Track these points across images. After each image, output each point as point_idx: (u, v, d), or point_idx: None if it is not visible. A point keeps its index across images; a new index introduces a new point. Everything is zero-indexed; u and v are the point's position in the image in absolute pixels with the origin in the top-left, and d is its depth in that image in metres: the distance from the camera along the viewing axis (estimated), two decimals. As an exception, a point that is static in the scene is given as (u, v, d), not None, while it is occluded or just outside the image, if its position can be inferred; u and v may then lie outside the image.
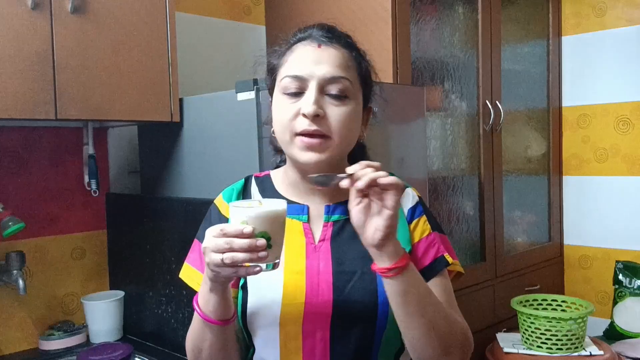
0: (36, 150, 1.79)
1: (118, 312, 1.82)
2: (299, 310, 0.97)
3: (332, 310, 0.97)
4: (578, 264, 2.99)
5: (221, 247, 0.82)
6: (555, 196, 2.98)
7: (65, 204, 1.85)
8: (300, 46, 1.00)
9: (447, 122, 2.37)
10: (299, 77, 0.96)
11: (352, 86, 0.98)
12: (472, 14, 2.44)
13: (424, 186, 1.91)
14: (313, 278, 0.99)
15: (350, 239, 1.01)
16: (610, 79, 2.83)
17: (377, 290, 0.97)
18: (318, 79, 0.96)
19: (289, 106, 0.97)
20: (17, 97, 1.38)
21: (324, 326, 0.97)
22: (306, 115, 0.94)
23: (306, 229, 1.03)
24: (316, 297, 0.97)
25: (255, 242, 0.82)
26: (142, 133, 1.93)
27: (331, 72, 0.96)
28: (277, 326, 0.98)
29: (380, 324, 0.97)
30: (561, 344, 2.10)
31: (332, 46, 0.98)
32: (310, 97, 0.95)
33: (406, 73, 2.00)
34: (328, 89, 0.96)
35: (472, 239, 2.47)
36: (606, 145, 2.87)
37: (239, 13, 2.36)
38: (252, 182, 1.12)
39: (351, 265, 1.00)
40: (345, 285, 0.98)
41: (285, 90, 0.98)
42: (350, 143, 1.01)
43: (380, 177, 0.84)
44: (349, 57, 1.00)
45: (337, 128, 0.95)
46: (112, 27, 1.55)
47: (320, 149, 0.95)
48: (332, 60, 0.97)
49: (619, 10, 2.79)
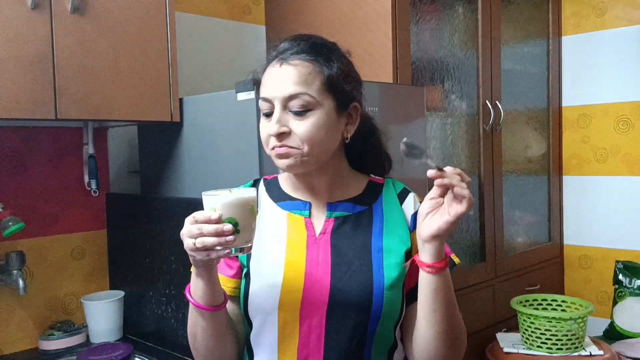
0: (36, 150, 1.79)
1: (118, 312, 1.82)
2: (297, 297, 1.03)
3: (329, 298, 1.02)
4: (578, 264, 2.99)
5: (193, 233, 0.90)
6: (555, 196, 2.98)
7: (65, 204, 1.85)
8: (269, 66, 1.06)
9: (447, 122, 2.37)
10: (266, 99, 1.04)
11: (315, 97, 1.02)
12: (472, 14, 2.44)
13: (424, 186, 1.90)
14: (312, 267, 1.05)
15: (350, 233, 1.08)
16: (610, 79, 2.83)
17: (372, 281, 1.03)
18: (279, 100, 1.02)
19: (265, 126, 1.05)
20: (17, 97, 1.38)
21: (321, 313, 1.02)
22: (271, 135, 1.02)
23: (307, 223, 1.09)
24: (314, 285, 1.03)
25: (222, 227, 0.89)
26: (142, 133, 1.93)
27: (289, 90, 1.01)
28: (276, 310, 1.03)
29: (374, 314, 1.02)
30: (561, 344, 2.10)
31: (292, 63, 1.03)
32: (274, 117, 1.02)
33: (406, 73, 2.00)
34: (290, 105, 1.02)
35: (472, 239, 2.47)
36: (606, 145, 2.87)
37: (239, 13, 2.36)
38: (261, 183, 1.19)
39: (349, 257, 1.05)
40: (342, 275, 1.04)
41: (262, 110, 1.06)
42: (326, 148, 1.05)
43: (461, 187, 0.90)
44: (310, 69, 1.03)
45: (304, 141, 1.01)
46: (112, 27, 1.55)
47: (288, 154, 1.02)
48: (290, 78, 1.02)
49: (619, 10, 2.79)
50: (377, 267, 1.04)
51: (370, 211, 1.11)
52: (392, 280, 1.04)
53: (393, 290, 1.04)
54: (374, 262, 1.05)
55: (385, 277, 1.04)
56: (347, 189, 1.13)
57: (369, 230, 1.09)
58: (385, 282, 1.03)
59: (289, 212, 1.11)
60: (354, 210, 1.10)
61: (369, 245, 1.07)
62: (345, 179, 1.13)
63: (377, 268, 1.04)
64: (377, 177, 1.18)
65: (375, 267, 1.04)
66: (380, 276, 1.04)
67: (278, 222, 1.11)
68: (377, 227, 1.09)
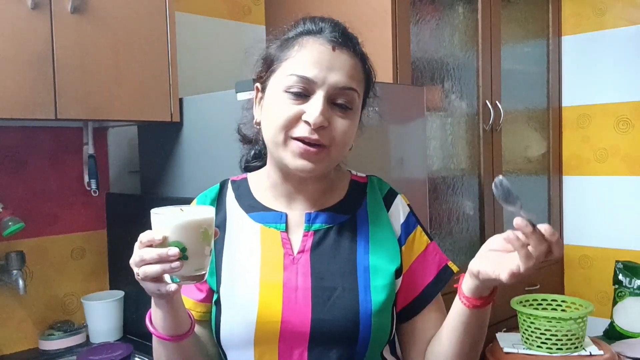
0: (36, 150, 1.79)
1: (118, 312, 1.82)
2: (274, 329, 0.91)
3: (310, 329, 0.90)
4: (578, 264, 2.99)
5: (137, 261, 0.79)
6: (555, 196, 2.98)
7: (65, 204, 1.85)
8: (310, 42, 0.92)
9: (447, 122, 2.37)
10: (309, 80, 0.89)
11: (358, 98, 0.94)
12: (472, 14, 2.44)
13: (424, 186, 1.91)
14: (290, 294, 0.92)
15: (332, 250, 0.96)
16: (610, 79, 2.83)
17: (358, 309, 0.91)
18: (329, 87, 0.89)
19: (291, 107, 0.89)
20: (17, 97, 1.38)
21: (302, 346, 0.91)
22: (310, 124, 0.88)
23: (284, 239, 0.96)
24: (293, 315, 0.91)
25: (166, 251, 0.76)
26: (142, 133, 1.93)
27: (344, 82, 0.90)
28: (251, 346, 0.91)
29: (361, 343, 0.91)
30: (561, 344, 2.09)
31: (346, 52, 0.92)
32: (318, 105, 0.88)
33: (406, 73, 2.00)
34: (335, 97, 0.90)
35: (472, 239, 2.47)
36: (606, 145, 2.87)
37: (239, 13, 2.36)
38: (229, 186, 1.06)
39: (332, 280, 0.93)
40: (325, 302, 0.91)
41: (288, 88, 0.90)
42: (345, 153, 0.97)
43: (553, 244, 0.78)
44: (361, 67, 0.95)
45: (338, 140, 0.91)
46: (112, 27, 1.55)
47: (317, 159, 0.90)
48: (345, 69, 0.91)
49: (619, 10, 2.79)
50: (363, 291, 0.93)
51: (354, 220, 0.99)
52: (380, 304, 0.93)
53: (382, 315, 0.93)
54: (359, 285, 0.93)
55: (373, 302, 0.92)
56: (331, 195, 1.01)
57: (353, 245, 0.96)
58: (373, 307, 0.92)
59: (262, 225, 0.98)
60: (335, 222, 0.98)
61: (354, 263, 0.95)
62: (332, 180, 1.03)
63: (363, 292, 0.93)
64: (358, 173, 1.07)
65: (362, 290, 0.93)
66: (368, 302, 0.92)
67: (250, 237, 0.98)
68: (363, 242, 0.97)
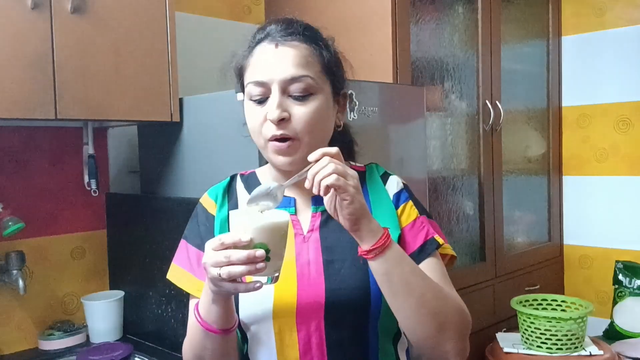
0: (36, 150, 1.79)
1: (118, 312, 1.82)
2: (291, 302, 0.97)
3: (325, 300, 0.97)
4: (578, 264, 2.99)
5: (220, 262, 0.80)
6: (555, 196, 2.98)
7: (65, 204, 1.85)
8: (259, 48, 0.99)
9: (447, 122, 2.37)
10: (261, 82, 0.96)
11: (316, 81, 0.97)
12: (472, 14, 2.44)
13: (423, 186, 1.91)
14: (304, 268, 0.99)
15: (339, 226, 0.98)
16: (610, 79, 2.83)
17: (368, 276, 0.97)
18: (278, 82, 0.95)
19: (257, 112, 0.98)
20: (17, 97, 1.38)
21: (318, 316, 0.97)
22: (272, 121, 0.95)
23: (294, 221, 1.03)
24: (308, 288, 0.97)
25: (253, 253, 0.79)
26: (142, 133, 1.93)
27: (291, 72, 0.95)
28: (270, 319, 0.97)
29: (374, 310, 0.97)
30: (561, 344, 2.10)
31: (290, 44, 0.97)
32: (274, 101, 0.95)
33: (406, 73, 2.00)
34: (290, 89, 0.96)
35: (472, 239, 2.47)
36: (606, 145, 2.87)
37: (239, 13, 2.36)
38: (238, 179, 1.13)
39: (341, 253, 1.00)
40: (336, 273, 0.98)
41: (251, 96, 0.99)
42: (323, 137, 1.01)
43: (325, 178, 0.83)
44: (309, 52, 0.98)
45: (304, 128, 0.96)
46: (112, 27, 1.55)
47: (289, 152, 0.97)
48: (290, 60, 0.96)
49: (619, 10, 2.79)
50: None
51: None
52: None
53: None
54: None
55: None
56: None
57: None
58: None
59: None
60: None
61: None
62: None
63: None
64: (357, 164, 1.12)
65: None
66: None
67: None
68: None
